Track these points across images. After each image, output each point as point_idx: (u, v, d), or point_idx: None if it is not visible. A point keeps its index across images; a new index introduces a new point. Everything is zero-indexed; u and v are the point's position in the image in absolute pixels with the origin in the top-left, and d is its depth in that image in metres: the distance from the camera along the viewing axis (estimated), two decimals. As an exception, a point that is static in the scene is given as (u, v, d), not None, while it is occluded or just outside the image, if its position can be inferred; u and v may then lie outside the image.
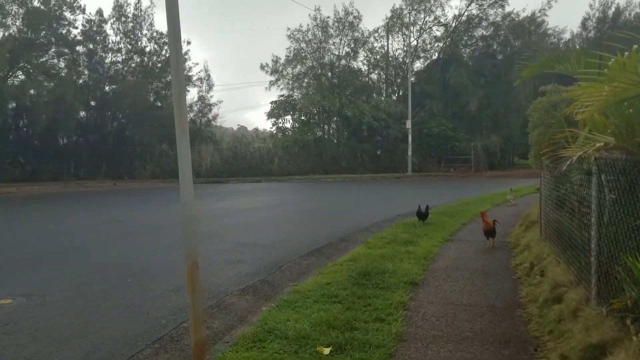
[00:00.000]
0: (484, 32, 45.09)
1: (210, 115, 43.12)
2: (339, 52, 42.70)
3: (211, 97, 43.28)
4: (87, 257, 9.83)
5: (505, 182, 29.73)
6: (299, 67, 42.35)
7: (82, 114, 40.99)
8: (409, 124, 38.66)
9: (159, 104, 41.59)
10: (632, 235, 3.62)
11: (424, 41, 45.51)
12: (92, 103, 40.88)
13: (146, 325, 5.78)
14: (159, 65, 41.61)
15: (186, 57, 41.42)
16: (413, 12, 43.77)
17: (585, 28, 52.66)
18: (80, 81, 39.57)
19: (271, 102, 42.34)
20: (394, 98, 45.63)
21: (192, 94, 42.11)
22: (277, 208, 17.64)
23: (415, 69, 46.13)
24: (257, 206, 18.10)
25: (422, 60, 46.80)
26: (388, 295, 6.13)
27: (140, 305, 6.54)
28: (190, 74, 41.56)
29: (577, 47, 54.23)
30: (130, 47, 40.63)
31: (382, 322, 5.24)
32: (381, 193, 24.65)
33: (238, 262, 9.02)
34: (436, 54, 46.17)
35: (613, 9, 46.11)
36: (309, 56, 42.31)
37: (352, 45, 42.92)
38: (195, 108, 42.33)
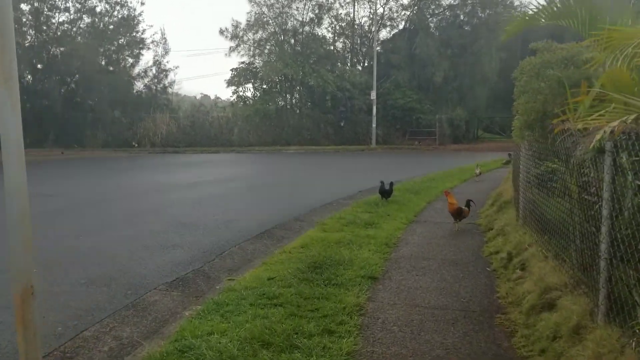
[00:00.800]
0: (452, 1, 44.00)
1: (166, 82, 40.97)
2: (302, 18, 40.97)
3: (167, 62, 41.11)
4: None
5: (470, 156, 29.13)
6: (260, 32, 40.47)
7: (28, 77, 38.21)
8: (373, 95, 37.53)
9: (111, 68, 39.14)
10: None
11: (390, 9, 44.14)
12: (39, 66, 38.13)
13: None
14: (111, 27, 39.05)
15: (140, 18, 39.03)
16: (380, -23, 42.23)
17: (551, 1, 52.26)
18: (26, 43, 36.75)
19: (231, 70, 40.50)
20: (359, 68, 44.34)
21: (146, 59, 39.98)
22: (230, 182, 16.36)
23: (382, 38, 44.85)
24: (209, 180, 16.76)
25: (388, 29, 45.48)
26: (341, 295, 5.05)
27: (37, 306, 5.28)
28: (143, 36, 39.22)
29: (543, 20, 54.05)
30: (79, 6, 37.84)
31: (331, 335, 4.15)
32: (344, 167, 23.60)
33: (173, 246, 7.80)
34: (403, 23, 44.93)
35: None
36: (270, 21, 40.41)
37: (317, 11, 41.22)
38: (150, 73, 40.11)
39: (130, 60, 40.01)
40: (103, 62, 38.86)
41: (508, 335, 4.17)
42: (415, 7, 43.66)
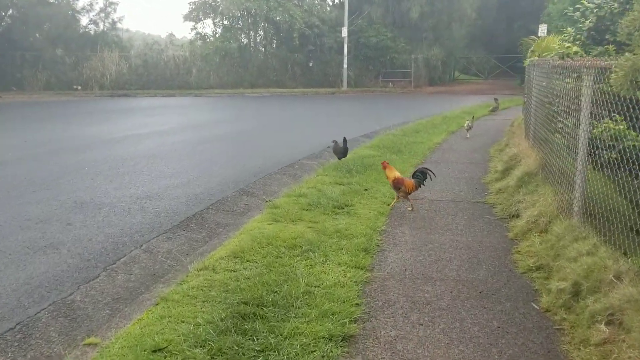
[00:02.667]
0: None
1: (115, 16, 36.65)
2: (266, -56, 36.74)
3: (116, -6, 36.69)
4: None
5: (449, 100, 26.67)
6: (219, -40, 36.24)
7: (-44, 11, 33.63)
8: (345, 32, 34.24)
9: (50, 0, 34.65)
10: None
11: None
12: (-33, -2, 33.50)
13: None
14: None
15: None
16: None
17: None
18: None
19: (189, 3, 36.44)
20: (329, 2, 40.74)
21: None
22: (175, 134, 13.55)
23: (353, -31, 40.97)
24: (148, 131, 13.92)
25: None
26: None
27: None
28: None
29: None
30: None
31: None
32: (311, 113, 20.87)
33: (47, 247, 5.23)
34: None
35: None
36: (230, -53, 36.13)
37: (282, -64, 37.00)
38: (96, 7, 35.73)
39: (74, -9, 35.48)
40: (41, -7, 34.27)
41: None
42: None
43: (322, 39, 35.84)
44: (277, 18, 34.45)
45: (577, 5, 6.59)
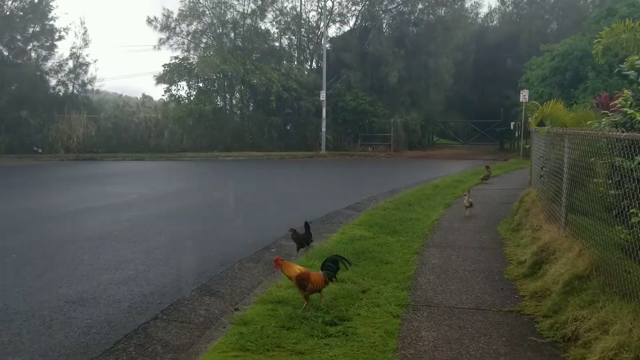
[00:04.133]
0: (405, -4, 40.76)
1: (85, 78, 35.50)
2: (243, 10, 36.58)
3: (87, 55, 35.72)
4: None
5: (432, 165, 25.70)
6: (195, 24, 35.79)
7: None
8: (323, 95, 33.55)
9: (18, 60, 33.45)
10: None
11: (340, 3, 40.38)
12: None
13: None
14: (20, 13, 33.35)
15: (52, 4, 33.55)
16: (328, -32, 38.48)
17: (503, 3, 51.04)
18: None
19: (163, 65, 35.53)
20: (307, 66, 40.41)
21: (61, 50, 34.40)
22: (133, 207, 11.90)
23: (331, 35, 41.06)
24: (104, 204, 12.26)
25: (338, 25, 41.75)
26: None
27: None
28: (56, 24, 33.78)
29: (496, 22, 52.20)
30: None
31: None
32: (290, 181, 19.49)
33: None
34: (354, 19, 41.34)
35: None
36: (207, 11, 35.80)
37: (259, 3, 36.93)
38: (66, 68, 34.57)
39: (43, 52, 34.38)
40: (5, 53, 33.07)
41: None
42: (367, 2, 40.12)
43: (300, 101, 35.12)
44: (254, 81, 33.76)
45: (629, 60, 5.36)
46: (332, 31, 41.42)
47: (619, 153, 4.26)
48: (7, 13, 33.04)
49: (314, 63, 41.19)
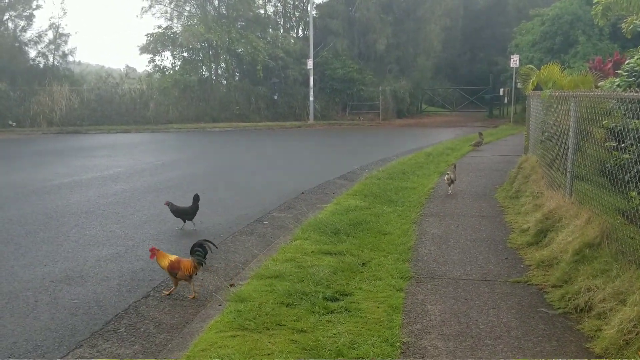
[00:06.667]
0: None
1: (66, 49, 34.40)
2: (228, -24, 35.51)
3: (67, 25, 34.57)
4: None
5: (422, 133, 25.47)
6: (178, -9, 34.74)
7: None
8: (310, 64, 32.93)
9: (-7, 30, 32.30)
10: None
11: (326, -33, 39.40)
12: None
13: None
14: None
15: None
16: None
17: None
18: None
19: (146, 35, 34.57)
20: (293, 34, 39.58)
21: (39, 21, 33.24)
22: (120, 180, 11.55)
23: (317, 1, 40.13)
24: (89, 177, 11.89)
25: (324, -10, 40.80)
26: None
27: None
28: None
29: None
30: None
31: None
32: (279, 151, 19.18)
33: None
34: (340, -16, 40.34)
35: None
36: (190, -22, 34.76)
37: (243, -32, 35.86)
38: (45, 39, 33.45)
39: (21, 22, 33.19)
40: (-18, 24, 31.94)
41: None
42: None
43: (287, 71, 34.48)
44: (240, 50, 33.03)
45: (628, 21, 5.09)
46: (318, -3, 40.52)
47: (633, 115, 4.03)
48: (-19, -18, 31.76)
49: (300, 31, 40.40)
